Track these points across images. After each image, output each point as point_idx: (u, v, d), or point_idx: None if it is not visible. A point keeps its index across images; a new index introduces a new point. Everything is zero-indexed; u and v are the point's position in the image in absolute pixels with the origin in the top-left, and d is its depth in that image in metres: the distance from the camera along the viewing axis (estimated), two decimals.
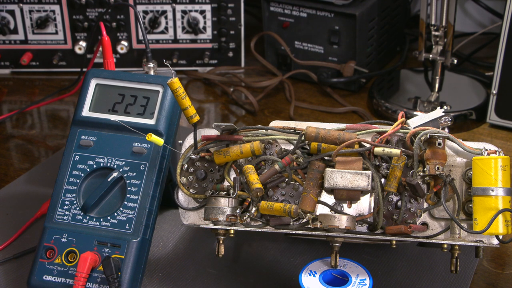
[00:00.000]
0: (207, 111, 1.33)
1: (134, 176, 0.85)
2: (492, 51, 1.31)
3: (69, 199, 0.85)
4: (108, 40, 0.97)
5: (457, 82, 1.36)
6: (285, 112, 1.31)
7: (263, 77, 1.41)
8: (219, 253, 0.82)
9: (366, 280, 0.79)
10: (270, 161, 0.84)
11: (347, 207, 0.82)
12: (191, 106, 0.81)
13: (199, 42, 1.41)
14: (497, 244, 0.80)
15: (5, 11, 1.38)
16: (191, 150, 0.85)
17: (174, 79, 0.79)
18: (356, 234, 0.81)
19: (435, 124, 0.82)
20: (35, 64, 1.43)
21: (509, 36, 1.16)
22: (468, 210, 0.81)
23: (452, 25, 1.23)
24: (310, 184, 0.80)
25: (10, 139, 1.22)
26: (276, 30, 1.40)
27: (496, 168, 0.76)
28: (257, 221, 0.83)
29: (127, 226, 0.83)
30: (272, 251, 0.94)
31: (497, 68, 1.19)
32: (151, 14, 1.38)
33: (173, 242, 0.95)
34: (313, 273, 0.80)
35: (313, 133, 0.79)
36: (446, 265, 0.89)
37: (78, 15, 1.38)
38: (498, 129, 1.24)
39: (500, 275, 0.90)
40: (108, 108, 0.89)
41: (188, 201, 0.86)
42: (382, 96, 1.30)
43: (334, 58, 1.37)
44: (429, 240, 0.82)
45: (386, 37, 1.45)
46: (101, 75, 0.90)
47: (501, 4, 1.52)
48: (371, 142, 0.79)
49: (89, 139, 0.88)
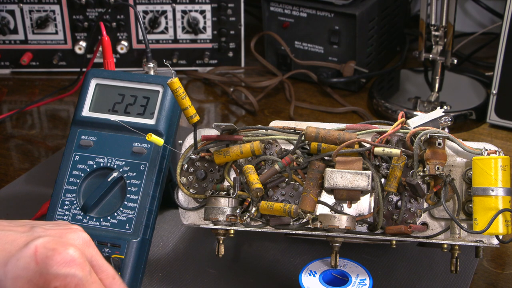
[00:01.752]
0: (207, 111, 1.33)
1: (134, 176, 0.85)
2: (492, 51, 1.31)
3: (69, 199, 0.85)
4: (108, 40, 0.97)
5: (457, 82, 1.36)
6: (285, 112, 1.31)
7: (263, 77, 1.41)
8: (219, 253, 0.82)
9: (366, 280, 0.79)
10: (270, 161, 0.84)
11: (347, 207, 0.82)
12: (191, 106, 0.81)
13: (199, 42, 1.41)
14: (497, 244, 0.80)
15: (5, 11, 1.38)
16: (191, 150, 0.85)
17: (174, 79, 0.79)
18: (356, 234, 0.81)
19: (435, 124, 0.82)
20: (35, 64, 1.43)
21: (509, 36, 1.16)
22: (468, 210, 0.81)
23: (452, 25, 1.23)
24: (310, 184, 0.80)
25: (10, 139, 1.22)
26: (276, 30, 1.40)
27: (496, 168, 0.76)
28: (257, 221, 0.83)
29: (127, 226, 0.83)
30: (272, 251, 0.94)
31: (497, 68, 1.19)
32: (151, 14, 1.38)
33: (173, 242, 0.95)
34: (313, 273, 0.80)
35: (313, 133, 0.79)
36: (446, 265, 0.89)
37: (78, 15, 1.38)
38: (498, 129, 1.24)
39: (500, 275, 0.90)
40: (108, 108, 0.89)
41: (188, 201, 0.86)
42: (382, 96, 1.30)
43: (334, 58, 1.37)
44: (429, 240, 0.82)
45: (386, 37, 1.45)
46: (101, 75, 0.90)
47: (501, 4, 1.52)
48: (371, 142, 0.79)
49: (89, 139, 0.88)
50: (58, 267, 0.62)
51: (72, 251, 0.63)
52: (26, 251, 0.62)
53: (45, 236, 0.64)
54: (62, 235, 0.66)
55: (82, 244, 0.66)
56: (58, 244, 0.63)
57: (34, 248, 0.62)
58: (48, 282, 0.62)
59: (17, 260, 0.62)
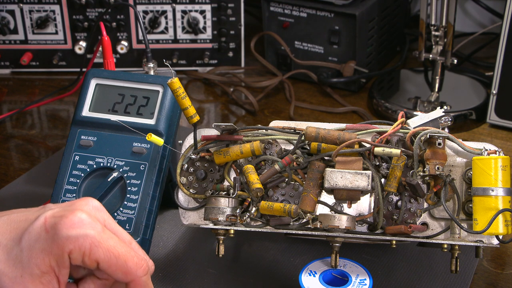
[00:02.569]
0: (207, 111, 1.33)
1: (134, 176, 0.85)
2: (492, 51, 1.31)
3: (69, 199, 0.85)
4: (108, 40, 0.97)
5: (457, 82, 1.36)
6: (285, 112, 1.31)
7: (263, 77, 1.41)
8: (219, 253, 0.82)
9: (366, 280, 0.79)
10: (270, 161, 0.84)
11: (347, 207, 0.82)
12: (191, 106, 0.81)
13: (199, 42, 1.41)
14: (497, 244, 0.80)
15: (5, 11, 1.38)
16: (191, 150, 0.85)
17: (174, 79, 0.79)
18: (356, 234, 0.81)
19: (435, 124, 0.82)
20: (35, 64, 1.43)
21: (509, 36, 1.16)
22: (468, 210, 0.81)
23: (452, 25, 1.23)
24: (310, 184, 0.80)
25: (10, 139, 1.22)
26: (276, 30, 1.40)
27: (496, 168, 0.76)
28: (257, 221, 0.83)
29: (127, 226, 0.83)
30: (272, 251, 0.94)
31: (497, 68, 1.19)
32: (151, 14, 1.38)
33: (173, 242, 0.95)
34: (313, 273, 0.80)
35: (313, 133, 0.79)
36: (446, 265, 0.89)
37: (78, 15, 1.38)
38: (498, 129, 1.24)
39: (500, 275, 0.90)
40: (108, 108, 0.89)
41: (188, 201, 0.86)
42: (382, 96, 1.30)
43: (334, 58, 1.37)
44: (429, 240, 0.82)
45: (386, 37, 1.45)
46: (101, 75, 0.90)
47: (501, 4, 1.52)
48: (371, 142, 0.79)
49: (89, 139, 0.88)
50: (68, 230, 0.62)
51: (79, 213, 0.63)
52: (36, 223, 0.63)
53: (54, 208, 0.64)
54: (71, 204, 0.65)
55: (92, 209, 0.65)
56: (66, 211, 0.63)
57: (43, 219, 0.63)
58: (62, 247, 0.62)
59: (29, 233, 0.62)
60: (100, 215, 0.66)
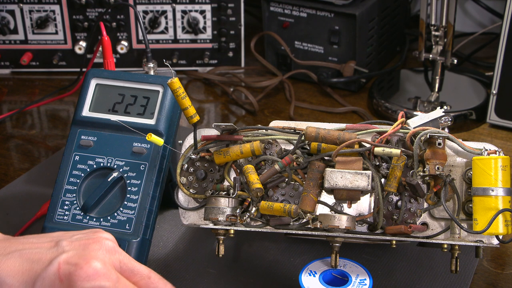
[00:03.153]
0: (207, 111, 1.33)
1: (134, 176, 0.85)
2: (492, 51, 1.31)
3: (69, 199, 0.85)
4: (108, 40, 0.97)
5: (457, 82, 1.36)
6: (285, 112, 1.31)
7: (263, 77, 1.41)
8: (219, 253, 0.82)
9: (366, 280, 0.79)
10: (270, 161, 0.84)
11: (347, 207, 0.82)
12: (191, 106, 0.81)
13: (199, 42, 1.41)
14: (497, 244, 0.80)
15: (5, 11, 1.38)
16: (191, 150, 0.85)
17: (174, 79, 0.79)
18: (356, 234, 0.81)
19: (435, 124, 0.82)
20: (35, 64, 1.43)
21: (509, 36, 1.16)
22: (468, 210, 0.81)
23: (452, 25, 1.23)
24: (310, 184, 0.80)
25: (10, 139, 1.22)
26: (276, 30, 1.40)
27: (496, 168, 0.76)
28: (257, 221, 0.83)
29: (127, 226, 0.83)
30: (272, 251, 0.94)
31: (497, 68, 1.19)
32: (151, 14, 1.38)
33: (173, 242, 0.95)
34: (313, 273, 0.80)
35: (313, 133, 0.79)
36: (446, 265, 0.89)
37: (78, 15, 1.38)
38: (498, 129, 1.24)
39: (500, 275, 0.90)
40: (108, 108, 0.89)
41: (188, 201, 0.86)
42: (382, 96, 1.30)
43: (334, 58, 1.37)
44: (429, 240, 0.82)
45: (386, 37, 1.45)
46: (101, 75, 0.90)
47: (501, 4, 1.52)
48: (371, 142, 0.79)
49: (89, 139, 0.88)
50: (83, 282, 0.61)
51: (94, 264, 0.62)
52: (50, 269, 0.62)
53: (68, 251, 0.64)
54: (86, 246, 0.65)
55: (106, 254, 0.65)
56: (80, 258, 0.62)
57: (57, 265, 0.62)
58: None
59: (42, 279, 0.62)
60: (115, 258, 0.65)
